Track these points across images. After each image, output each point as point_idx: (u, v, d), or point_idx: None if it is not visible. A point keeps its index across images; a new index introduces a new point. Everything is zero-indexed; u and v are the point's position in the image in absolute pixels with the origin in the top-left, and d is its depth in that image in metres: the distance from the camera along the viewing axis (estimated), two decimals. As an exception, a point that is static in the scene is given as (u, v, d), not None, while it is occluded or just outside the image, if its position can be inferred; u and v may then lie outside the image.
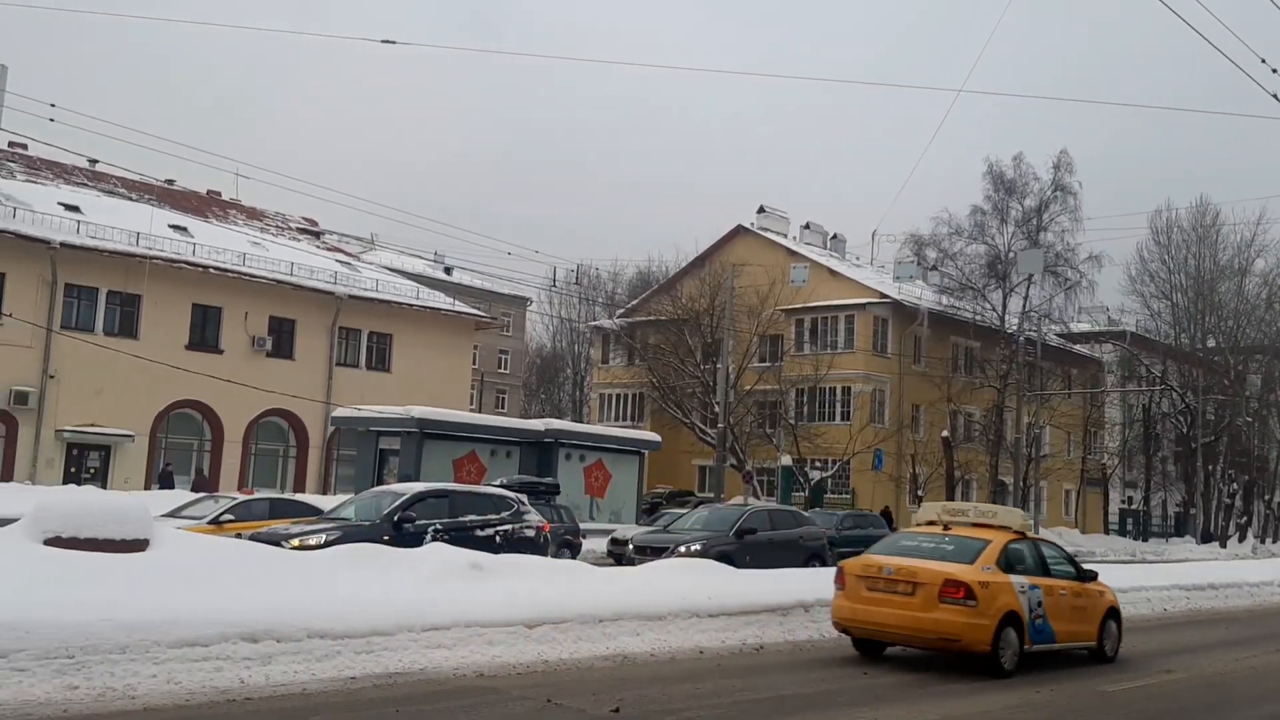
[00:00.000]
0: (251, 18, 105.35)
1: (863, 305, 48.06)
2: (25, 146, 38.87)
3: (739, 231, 53.65)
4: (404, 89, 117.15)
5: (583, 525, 26.68)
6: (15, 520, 11.10)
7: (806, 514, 26.91)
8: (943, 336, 49.46)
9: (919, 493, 45.44)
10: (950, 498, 46.02)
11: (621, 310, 58.33)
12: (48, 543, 9.84)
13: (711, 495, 39.93)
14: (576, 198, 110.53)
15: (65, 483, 32.83)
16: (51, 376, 34.21)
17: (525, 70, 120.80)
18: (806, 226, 56.51)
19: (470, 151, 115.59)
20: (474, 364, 53.12)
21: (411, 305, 44.45)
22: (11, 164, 39.66)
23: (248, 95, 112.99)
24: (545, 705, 8.51)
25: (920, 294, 49.61)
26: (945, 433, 46.21)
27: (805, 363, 46.84)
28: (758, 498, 41.69)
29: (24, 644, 7.74)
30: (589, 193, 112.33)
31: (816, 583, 15.26)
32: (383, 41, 22.41)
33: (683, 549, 19.27)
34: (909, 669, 11.51)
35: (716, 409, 40.79)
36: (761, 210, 54.39)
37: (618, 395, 54.45)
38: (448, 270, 64.50)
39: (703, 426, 46.83)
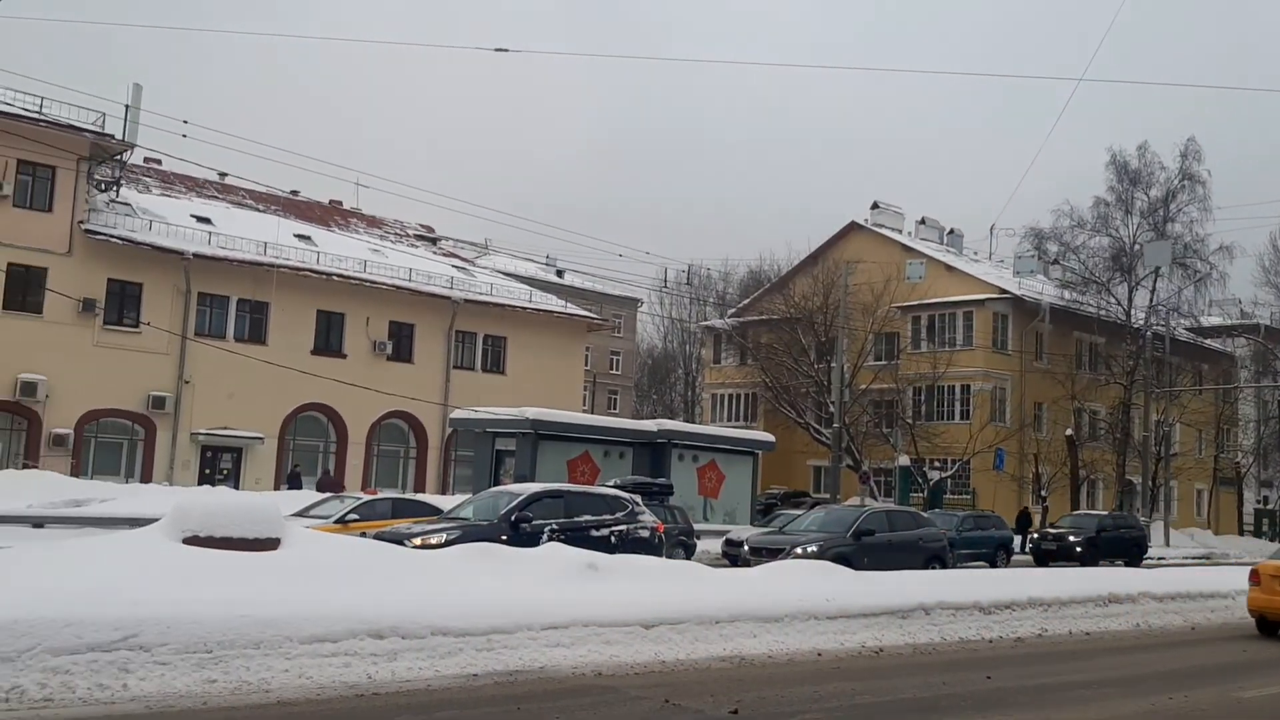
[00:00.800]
0: (371, 30, 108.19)
1: (981, 301, 46.98)
2: (159, 162, 40.64)
3: (853, 228, 53.01)
4: (517, 95, 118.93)
5: (697, 526, 26.66)
6: (156, 520, 11.62)
7: (926, 515, 26.44)
8: (1065, 332, 48.04)
9: (1042, 493, 44.21)
10: (1075, 498, 44.69)
11: (733, 310, 58.19)
12: (186, 541, 10.24)
13: (827, 496, 39.55)
14: (687, 198, 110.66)
15: (200, 483, 34.24)
16: (187, 382, 35.70)
17: (636, 71, 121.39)
18: (922, 222, 55.55)
19: (581, 154, 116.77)
20: (586, 365, 53.62)
21: (525, 308, 45.09)
22: (147, 179, 41.51)
23: (366, 106, 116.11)
24: (663, 705, 8.53)
25: (1041, 289, 48.27)
26: (1069, 431, 44.88)
27: (923, 360, 46.04)
28: (875, 499, 41.10)
29: (166, 638, 8.09)
30: (700, 193, 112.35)
31: (936, 585, 15.06)
32: (496, 50, 22.77)
33: (799, 550, 19.13)
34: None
35: (831, 408, 40.36)
36: (875, 206, 53.65)
37: (730, 395, 54.33)
38: (559, 273, 65.22)
39: (817, 426, 46.39)
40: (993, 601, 14.44)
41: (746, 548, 21.12)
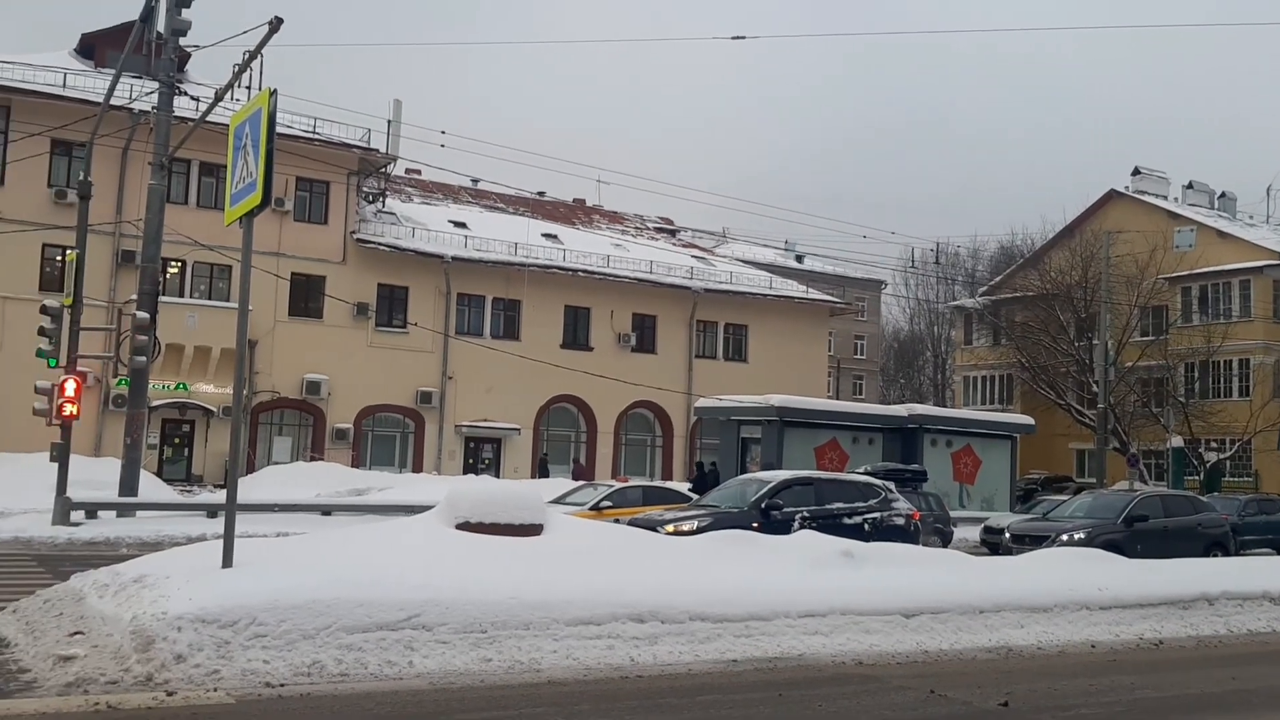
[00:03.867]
0: (605, 29, 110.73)
1: (1259, 268, 43.23)
2: (420, 172, 43.24)
3: (1112, 196, 49.93)
4: (753, 82, 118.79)
5: (952, 513, 25.88)
6: (429, 507, 12.37)
7: (1204, 499, 24.60)
8: (1361, 298, 43.47)
9: (1340, 475, 40.23)
10: (1382, 481, 40.38)
11: (984, 288, 56.00)
12: (459, 527, 10.83)
13: (1093, 481, 37.49)
14: (932, 176, 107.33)
15: (465, 473, 36.23)
16: (450, 378, 37.82)
17: (873, 49, 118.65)
18: (1189, 186, 51.64)
19: (819, 137, 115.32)
20: (830, 350, 52.93)
21: (765, 295, 45.03)
22: (410, 189, 44.21)
23: (606, 104, 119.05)
24: (929, 696, 8.33)
25: (1330, 251, 43.89)
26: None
27: (1194, 334, 42.83)
28: (1145, 483, 38.59)
29: (445, 619, 8.58)
30: (945, 169, 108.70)
31: (1219, 573, 14.03)
32: (733, 38, 22.83)
33: (1065, 537, 18.23)
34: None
35: (1094, 388, 38.21)
36: (1136, 172, 50.33)
37: (983, 377, 52.35)
38: (799, 258, 64.72)
39: (1079, 407, 44.03)
40: (1286, 591, 13.29)
41: (1008, 535, 20.30)
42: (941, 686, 8.63)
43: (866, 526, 16.83)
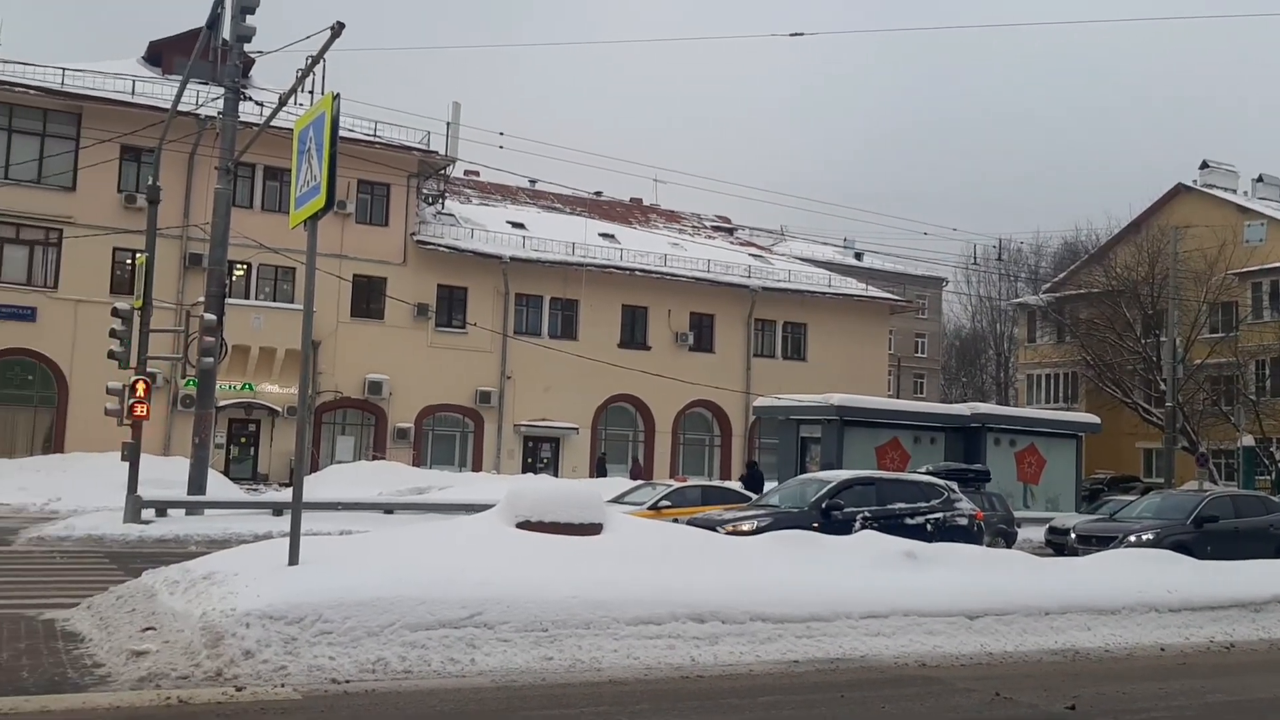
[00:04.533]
0: (662, 28, 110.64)
1: (1336, 262, 42.06)
2: (478, 173, 43.60)
3: (1179, 190, 48.92)
4: (810, 79, 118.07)
5: (1016, 514, 25.51)
6: (488, 506, 12.45)
7: (1275, 499, 23.99)
8: None
9: None
10: None
11: (1048, 285, 55.13)
12: (519, 526, 10.90)
13: (1161, 481, 36.74)
14: (994, 172, 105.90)
15: (523, 472, 36.47)
16: (508, 377, 38.08)
17: (933, 43, 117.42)
18: (1259, 179, 50.41)
19: (878, 134, 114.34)
20: (890, 349, 52.44)
21: (823, 293, 44.75)
22: (468, 190, 44.59)
23: (662, 102, 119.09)
24: (994, 699, 8.22)
25: None
26: None
27: (1266, 331, 41.82)
28: (1214, 482, 37.76)
29: (507, 617, 8.64)
30: (1007, 165, 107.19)
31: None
32: (791, 35, 22.69)
33: (1133, 539, 17.93)
34: None
35: (1162, 386, 37.45)
36: (1205, 166, 49.25)
37: (1047, 375, 51.56)
38: (858, 256, 64.21)
39: (1146, 406, 43.17)
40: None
41: (1074, 536, 19.99)
42: (1007, 689, 8.52)
43: (929, 527, 16.65)
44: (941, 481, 18.29)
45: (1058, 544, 21.81)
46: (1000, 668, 9.57)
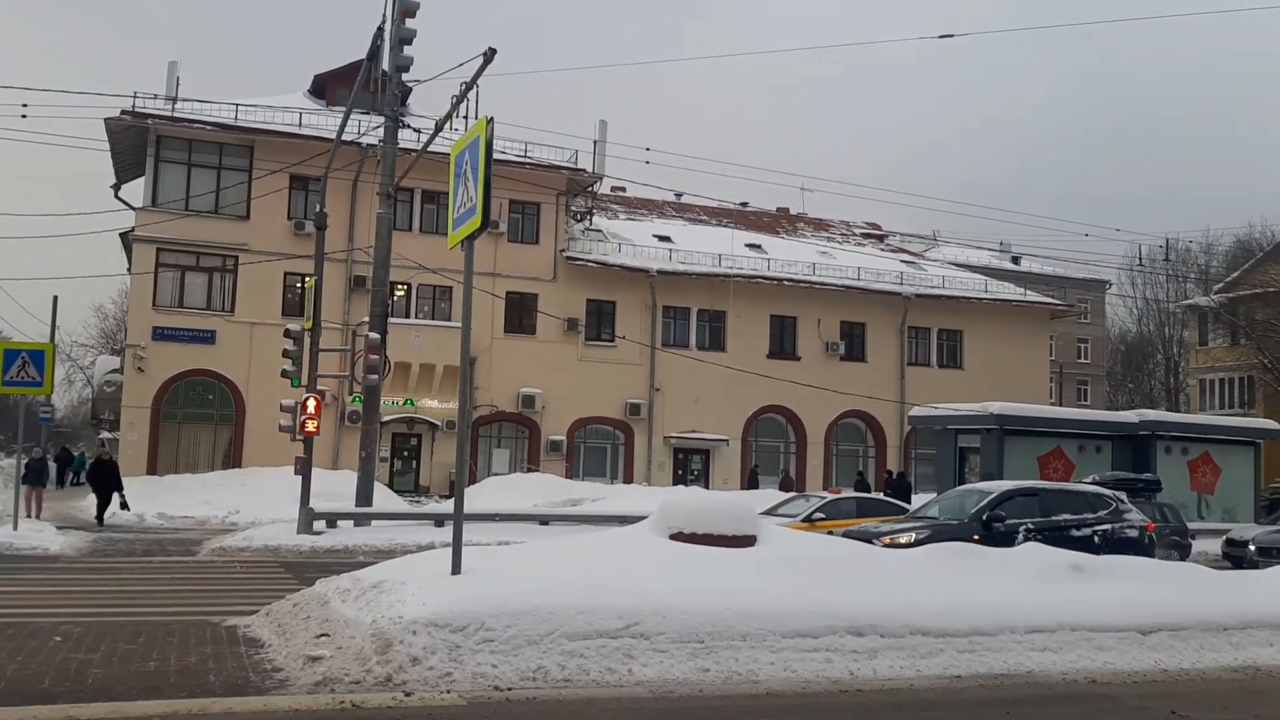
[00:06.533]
0: (807, 36, 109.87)
1: None
2: (624, 189, 44.15)
3: (1366, 180, 45.77)
4: (961, 81, 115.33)
5: (1190, 525, 24.28)
6: (640, 517, 12.56)
7: None
8: None
9: None
10: None
11: (1220, 285, 52.35)
12: (672, 537, 10.96)
13: (1351, 490, 34.37)
14: (1157, 170, 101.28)
15: (674, 484, 36.62)
16: (657, 389, 38.36)
17: (1089, 42, 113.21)
18: None
19: (1033, 134, 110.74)
20: (1051, 355, 50.63)
21: (979, 299, 43.58)
22: (615, 205, 45.20)
23: (806, 112, 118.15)
24: (1169, 717, 7.87)
25: None
26: None
27: None
28: None
29: (663, 628, 8.71)
30: (1171, 163, 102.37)
31: None
32: (940, 37, 22.26)
33: (1320, 551, 16.87)
34: None
35: (1351, 389, 35.01)
36: (1396, 152, 45.96)
37: (1221, 380, 48.98)
38: (1015, 259, 62.30)
39: (1333, 410, 40.45)
40: None
41: (1253, 548, 18.97)
42: (1183, 707, 8.14)
43: (1096, 539, 16.05)
44: (1109, 492, 17.61)
45: (1235, 556, 20.76)
46: (1175, 685, 9.15)
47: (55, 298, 33.07)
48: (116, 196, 34.74)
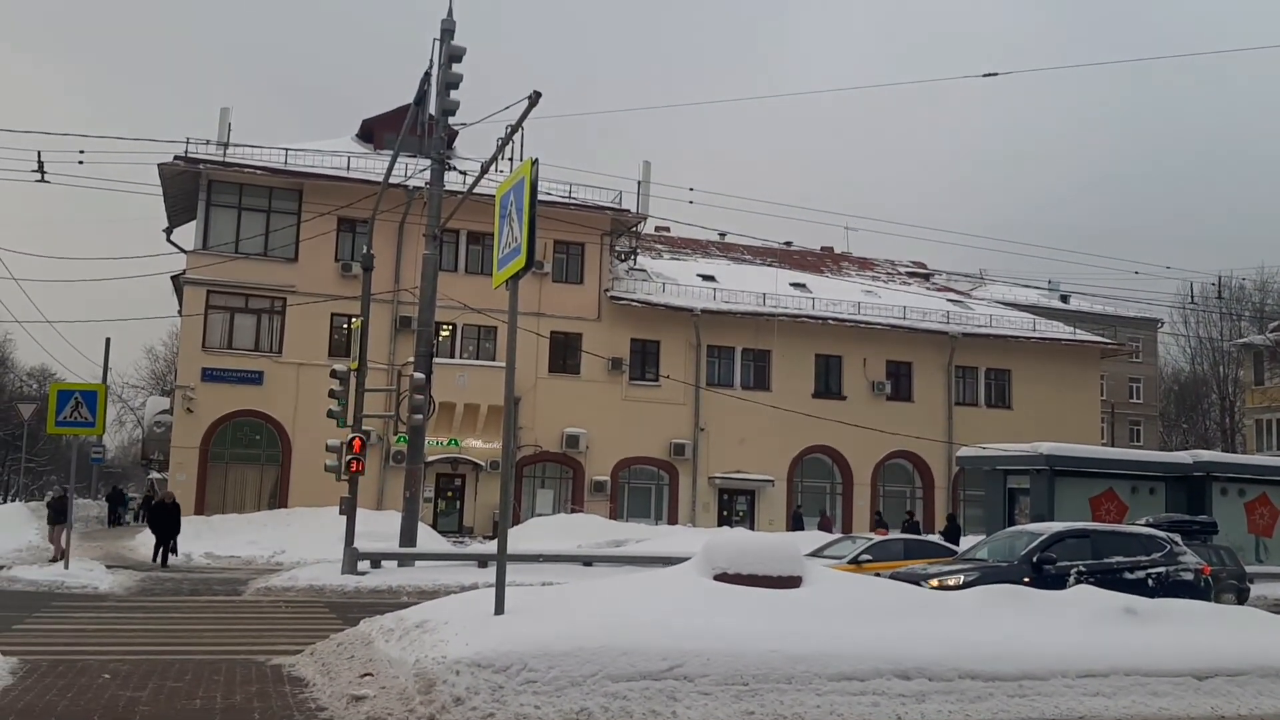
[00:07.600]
0: (850, 76, 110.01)
1: None
2: (668, 229, 44.32)
3: None
4: (1006, 119, 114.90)
5: (1248, 568, 23.70)
6: (684, 558, 12.46)
7: None
8: None
9: None
10: None
11: (1276, 323, 51.38)
12: (717, 578, 10.85)
13: None
14: (1209, 207, 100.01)
15: (719, 524, 36.36)
16: (702, 429, 38.23)
17: (1135, 79, 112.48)
18: None
19: (1078, 173, 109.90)
20: (1102, 395, 49.86)
21: (1028, 338, 43.11)
22: (659, 245, 45.38)
23: (851, 150, 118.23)
24: (1230, 767, 7.64)
25: None
26: None
27: None
28: None
29: (707, 670, 8.62)
30: (1224, 200, 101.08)
31: None
32: (984, 75, 22.20)
33: (1386, 596, 16.37)
34: None
35: None
36: None
37: (1278, 420, 47.88)
38: (1064, 298, 61.56)
39: (1396, 451, 39.44)
40: None
41: (1315, 593, 18.40)
42: (1245, 757, 7.89)
43: (1150, 582, 15.69)
44: (1163, 534, 17.24)
45: (1299, 601, 20.13)
46: (1235, 733, 8.89)
47: (108, 340, 33.92)
48: (169, 240, 35.45)
